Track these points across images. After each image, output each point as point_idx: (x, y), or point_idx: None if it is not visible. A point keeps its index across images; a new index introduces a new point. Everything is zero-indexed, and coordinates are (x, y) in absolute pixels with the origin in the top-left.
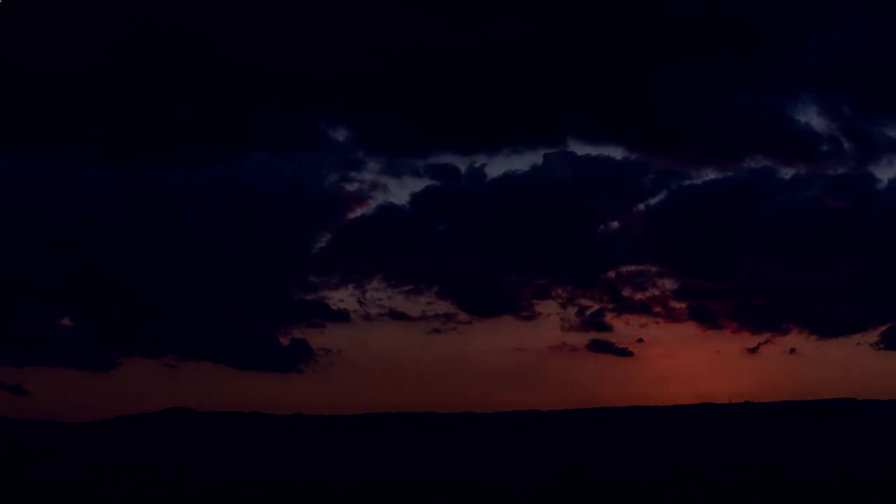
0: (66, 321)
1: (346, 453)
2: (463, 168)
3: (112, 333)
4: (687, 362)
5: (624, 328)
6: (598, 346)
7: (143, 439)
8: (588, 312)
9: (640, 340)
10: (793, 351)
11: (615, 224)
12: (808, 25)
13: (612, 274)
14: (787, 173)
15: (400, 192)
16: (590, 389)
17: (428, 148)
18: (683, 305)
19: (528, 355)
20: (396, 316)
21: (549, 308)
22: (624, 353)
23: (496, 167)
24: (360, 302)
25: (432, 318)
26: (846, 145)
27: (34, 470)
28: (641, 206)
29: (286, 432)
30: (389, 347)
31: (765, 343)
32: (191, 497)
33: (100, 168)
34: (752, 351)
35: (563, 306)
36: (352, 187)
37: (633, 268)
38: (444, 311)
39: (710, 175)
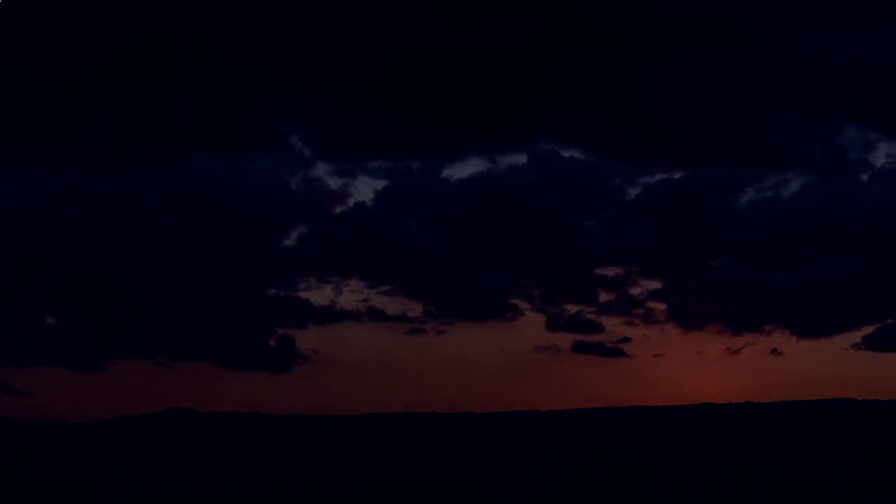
0: (64, 321)
1: (345, 453)
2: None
3: (106, 333)
4: (670, 363)
5: (607, 329)
6: (583, 348)
7: (142, 439)
8: (570, 314)
9: (624, 340)
10: (774, 351)
11: (598, 225)
12: (801, 26)
13: (594, 275)
14: (770, 174)
15: (373, 192)
16: (579, 390)
17: (428, 148)
18: (664, 307)
19: (514, 356)
20: (377, 316)
21: (530, 309)
22: (609, 353)
23: (477, 167)
24: (334, 301)
25: (413, 319)
26: (831, 146)
27: (34, 470)
28: (625, 206)
29: (285, 432)
30: (376, 348)
31: (747, 345)
32: (191, 497)
33: (96, 168)
34: (735, 352)
35: (532, 301)
36: (329, 186)
37: (615, 269)
38: (425, 312)
39: (692, 175)
